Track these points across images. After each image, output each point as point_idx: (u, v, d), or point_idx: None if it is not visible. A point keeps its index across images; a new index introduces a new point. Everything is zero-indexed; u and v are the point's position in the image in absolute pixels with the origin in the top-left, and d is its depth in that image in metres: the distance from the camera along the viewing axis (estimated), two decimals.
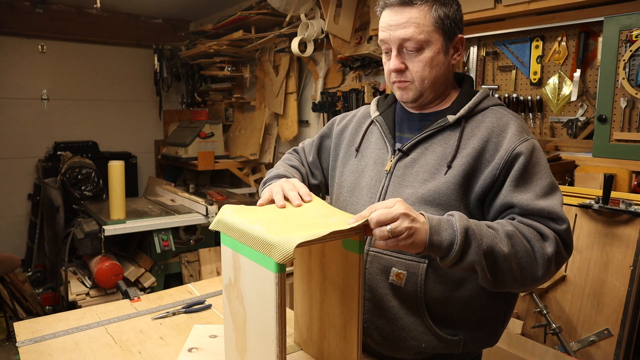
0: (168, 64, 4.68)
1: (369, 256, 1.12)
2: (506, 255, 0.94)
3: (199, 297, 1.61)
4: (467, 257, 0.92)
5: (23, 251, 4.35)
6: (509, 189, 1.02)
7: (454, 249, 0.91)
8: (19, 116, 4.31)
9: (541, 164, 1.05)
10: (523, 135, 1.06)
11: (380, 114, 1.25)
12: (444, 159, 1.08)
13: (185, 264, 3.23)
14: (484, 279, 0.95)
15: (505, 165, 1.03)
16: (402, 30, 1.06)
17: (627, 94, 1.82)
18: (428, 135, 1.12)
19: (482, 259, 0.92)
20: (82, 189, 3.55)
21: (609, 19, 1.83)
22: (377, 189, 1.15)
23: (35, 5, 4.20)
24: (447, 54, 1.11)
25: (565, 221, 1.01)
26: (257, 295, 0.90)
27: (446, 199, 1.04)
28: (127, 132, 4.89)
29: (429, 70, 1.09)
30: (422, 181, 1.08)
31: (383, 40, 1.11)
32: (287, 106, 3.78)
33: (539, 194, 1.01)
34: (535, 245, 0.97)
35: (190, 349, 1.22)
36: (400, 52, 1.09)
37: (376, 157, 1.19)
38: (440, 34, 1.08)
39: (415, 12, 1.06)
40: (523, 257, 0.96)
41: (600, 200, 1.74)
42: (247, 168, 4.13)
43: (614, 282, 1.70)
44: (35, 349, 1.24)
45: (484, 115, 1.12)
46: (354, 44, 3.03)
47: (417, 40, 1.06)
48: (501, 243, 0.94)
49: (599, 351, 1.71)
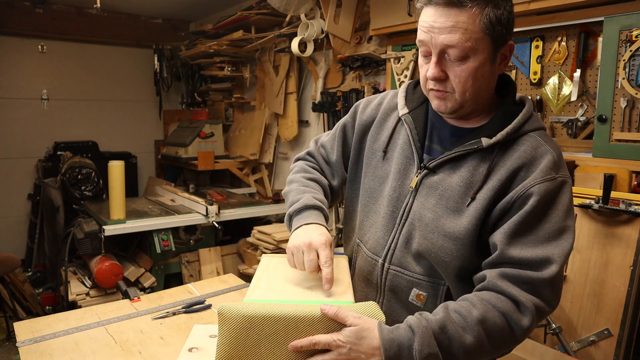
0: (168, 64, 4.68)
1: (388, 274, 1.09)
2: (476, 345, 0.89)
3: (199, 297, 1.61)
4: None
5: (23, 251, 4.35)
6: (506, 233, 0.94)
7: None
8: (19, 116, 4.31)
9: (558, 208, 0.95)
10: (551, 172, 0.95)
11: (409, 112, 1.12)
12: (469, 188, 0.99)
13: (185, 264, 3.23)
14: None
15: (519, 200, 0.95)
16: (447, 36, 0.93)
17: (627, 94, 1.82)
18: (458, 156, 1.02)
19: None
20: (82, 189, 3.55)
21: (609, 19, 1.83)
22: (400, 204, 1.08)
23: (35, 5, 4.20)
24: (494, 64, 0.98)
25: (554, 265, 0.91)
26: None
27: (465, 233, 0.98)
28: (127, 132, 4.88)
29: (472, 82, 0.96)
30: (445, 209, 1.01)
31: (423, 41, 0.98)
32: (287, 106, 3.78)
33: (540, 240, 0.93)
34: (511, 319, 0.91)
35: (191, 349, 1.22)
36: (441, 59, 0.96)
37: (400, 166, 1.10)
38: (488, 42, 0.94)
39: (465, 15, 0.91)
40: (497, 337, 0.91)
41: (600, 200, 1.74)
42: (247, 168, 4.13)
43: (614, 282, 1.70)
44: (35, 349, 1.24)
45: (519, 143, 0.99)
46: (354, 44, 3.03)
47: (463, 49, 0.93)
48: (471, 334, 0.88)
49: (599, 351, 1.71)
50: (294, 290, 1.03)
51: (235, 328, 0.90)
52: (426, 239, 1.03)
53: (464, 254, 0.99)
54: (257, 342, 0.91)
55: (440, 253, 1.01)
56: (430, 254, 1.02)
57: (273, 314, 0.90)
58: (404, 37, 2.70)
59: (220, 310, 0.91)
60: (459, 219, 0.99)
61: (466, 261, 1.00)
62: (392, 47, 2.78)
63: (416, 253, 1.05)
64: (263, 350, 0.91)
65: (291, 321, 0.90)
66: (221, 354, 0.92)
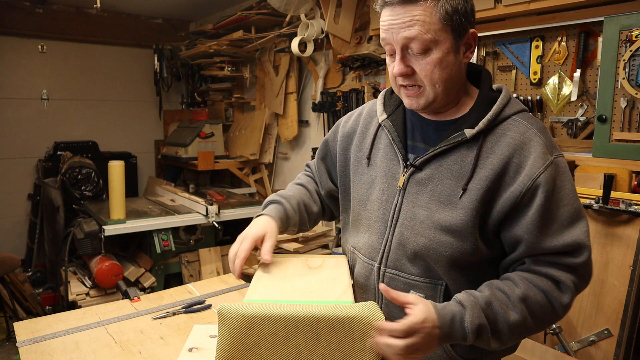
0: (168, 64, 4.68)
1: (385, 278, 1.09)
2: (520, 322, 0.94)
3: (199, 297, 1.61)
4: (481, 344, 0.95)
5: (23, 251, 4.35)
6: (529, 226, 0.96)
7: (467, 341, 0.93)
8: (19, 116, 4.31)
9: (565, 189, 0.97)
10: (547, 156, 0.97)
11: (388, 117, 1.14)
12: (459, 179, 1.00)
13: (185, 264, 3.23)
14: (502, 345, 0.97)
15: (528, 193, 0.95)
16: (406, 30, 0.95)
17: (627, 94, 1.82)
18: (443, 150, 1.03)
19: (497, 342, 0.94)
20: (82, 189, 3.55)
21: (609, 19, 1.83)
22: (390, 205, 1.09)
23: (35, 5, 4.20)
24: (458, 53, 1.00)
25: (586, 249, 0.97)
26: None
27: (463, 225, 0.98)
28: (127, 132, 4.89)
29: (439, 73, 0.98)
30: (438, 204, 1.02)
31: (385, 39, 1.01)
32: (287, 106, 3.78)
33: (563, 225, 0.96)
34: (552, 297, 0.96)
35: (191, 349, 1.22)
36: (405, 54, 0.99)
37: (386, 169, 1.11)
38: (449, 32, 0.96)
39: (420, 9, 0.94)
40: (539, 314, 0.96)
41: (600, 200, 1.74)
42: (247, 168, 4.13)
43: (614, 282, 1.70)
44: (35, 349, 1.24)
45: (504, 128, 1.01)
46: (354, 44, 3.03)
47: (423, 41, 0.95)
48: (514, 311, 0.94)
49: (599, 351, 1.71)
50: (294, 290, 1.03)
51: (235, 328, 0.90)
52: (423, 237, 1.02)
53: (463, 245, 0.99)
54: (257, 342, 0.91)
55: (440, 248, 1.01)
56: (428, 251, 1.02)
57: (273, 314, 0.90)
58: None
59: (220, 311, 0.91)
60: (453, 212, 1.00)
61: (465, 254, 1.00)
62: None
63: (412, 254, 1.05)
64: (263, 350, 0.91)
65: (291, 321, 0.90)
66: (221, 354, 0.92)
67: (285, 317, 0.90)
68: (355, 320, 0.91)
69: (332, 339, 0.92)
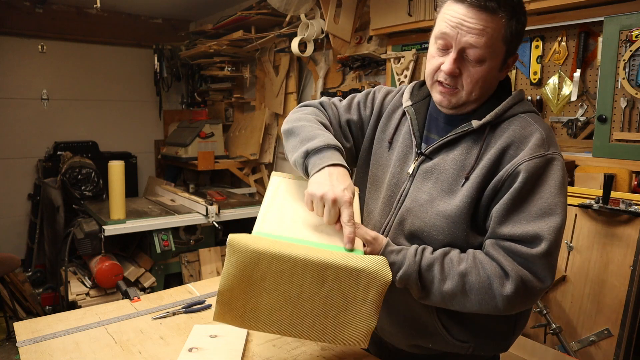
0: (168, 64, 4.68)
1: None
2: (452, 293, 0.97)
3: (199, 297, 1.61)
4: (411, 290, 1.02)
5: (23, 251, 4.35)
6: (498, 209, 0.98)
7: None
8: (19, 116, 4.31)
9: (547, 185, 0.97)
10: (540, 150, 0.98)
11: (412, 105, 1.17)
12: (463, 169, 1.03)
13: (185, 264, 3.23)
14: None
15: (509, 178, 0.98)
16: (474, 37, 0.96)
17: (627, 94, 1.82)
18: (451, 140, 1.07)
19: (424, 299, 1.01)
20: (82, 189, 3.55)
21: (609, 19, 1.83)
22: (398, 189, 1.13)
23: (35, 5, 4.20)
24: (501, 71, 1.04)
25: (544, 242, 0.93)
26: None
27: (457, 211, 1.01)
28: (127, 132, 4.88)
29: (481, 84, 1.01)
30: (440, 191, 1.05)
31: (446, 34, 0.99)
32: (287, 106, 3.78)
33: (531, 216, 0.95)
34: (494, 283, 0.95)
35: (191, 349, 1.22)
36: (460, 57, 1.00)
37: (401, 154, 1.15)
38: (504, 51, 1.00)
39: (494, 22, 0.96)
40: (474, 294, 0.96)
41: (600, 200, 1.74)
42: (247, 168, 4.13)
43: (614, 282, 1.70)
44: (35, 349, 1.24)
45: (509, 123, 1.03)
46: (354, 44, 3.03)
47: (484, 52, 0.97)
48: (450, 282, 0.97)
49: (599, 351, 1.71)
50: (308, 229, 1.01)
51: (244, 261, 0.91)
52: (419, 219, 1.06)
53: (455, 231, 1.02)
54: (262, 276, 0.92)
55: (433, 231, 1.04)
56: (422, 232, 1.05)
57: (283, 254, 0.90)
58: (404, 37, 2.70)
59: (230, 242, 0.92)
60: (452, 199, 1.03)
61: (458, 240, 1.03)
62: (392, 47, 2.78)
63: (409, 233, 1.08)
64: (267, 285, 0.92)
65: (300, 264, 0.90)
66: (225, 282, 0.92)
67: (295, 259, 0.90)
68: (363, 273, 0.92)
69: (337, 285, 0.93)
